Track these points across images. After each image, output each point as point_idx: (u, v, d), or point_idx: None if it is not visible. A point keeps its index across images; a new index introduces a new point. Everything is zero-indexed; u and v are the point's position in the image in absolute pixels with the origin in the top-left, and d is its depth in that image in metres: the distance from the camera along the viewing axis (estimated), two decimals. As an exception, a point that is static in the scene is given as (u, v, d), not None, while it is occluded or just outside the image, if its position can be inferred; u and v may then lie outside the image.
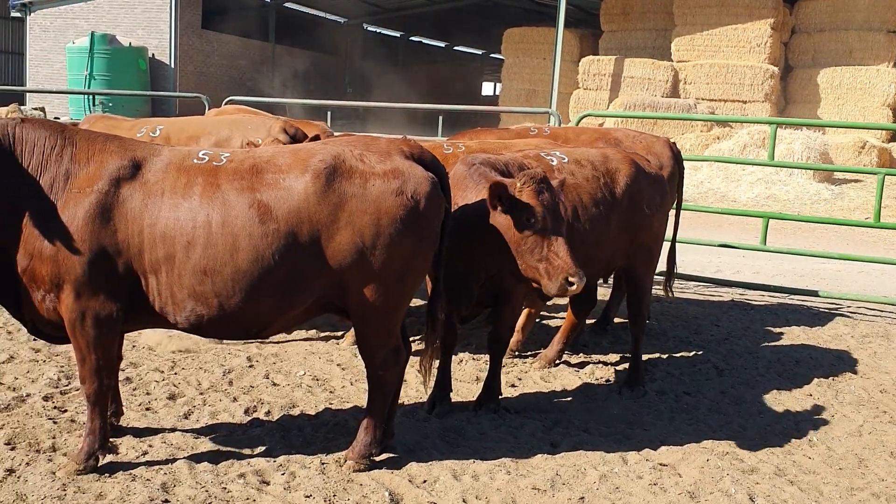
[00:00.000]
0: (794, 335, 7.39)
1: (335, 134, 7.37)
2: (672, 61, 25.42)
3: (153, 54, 25.88)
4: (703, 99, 24.60)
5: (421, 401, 5.32)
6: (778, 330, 7.51)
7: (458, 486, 4.22)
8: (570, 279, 4.35)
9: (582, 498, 4.15)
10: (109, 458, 4.29)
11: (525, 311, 6.36)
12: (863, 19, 24.50)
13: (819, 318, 8.05)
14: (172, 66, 25.07)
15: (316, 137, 6.40)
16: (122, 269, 3.94)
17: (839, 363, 6.63)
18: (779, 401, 5.70)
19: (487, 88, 52.04)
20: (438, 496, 4.13)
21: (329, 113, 10.72)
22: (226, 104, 9.89)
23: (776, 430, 5.17)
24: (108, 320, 4.00)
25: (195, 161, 4.12)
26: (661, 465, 4.57)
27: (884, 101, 23.77)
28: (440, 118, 11.89)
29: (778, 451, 4.83)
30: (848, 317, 8.09)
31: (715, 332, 7.33)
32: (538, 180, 4.45)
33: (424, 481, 4.27)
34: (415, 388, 5.41)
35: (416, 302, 6.92)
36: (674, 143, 6.99)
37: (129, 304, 4.03)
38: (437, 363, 4.76)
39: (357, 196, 3.98)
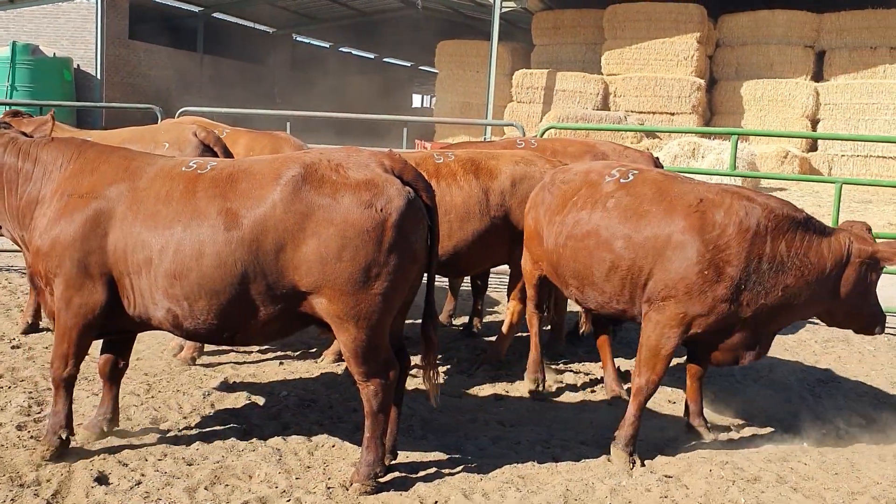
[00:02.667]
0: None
1: (307, 145, 7.22)
2: (602, 74, 25.90)
3: (78, 65, 25.00)
4: (632, 111, 25.14)
5: (412, 416, 5.22)
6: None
7: (471, 505, 4.14)
8: None
9: (598, 513, 4.12)
10: (102, 489, 4.07)
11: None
12: (782, 34, 25.42)
13: (778, 324, 8.23)
14: (99, 77, 24.24)
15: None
16: (108, 269, 4.18)
17: (810, 369, 6.79)
18: (762, 408, 5.79)
19: (416, 100, 52.13)
20: (453, 517, 4.03)
21: (288, 123, 10.51)
22: (180, 115, 9.59)
23: (768, 438, 5.24)
24: (89, 312, 4.23)
25: (183, 169, 4.28)
26: (666, 476, 4.57)
27: (803, 112, 24.68)
28: (405, 130, 11.78)
29: (774, 459, 4.89)
30: (808, 322, 8.31)
31: (685, 341, 7.41)
32: None
33: (436, 502, 4.17)
34: (406, 405, 5.29)
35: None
36: (657, 158, 7.08)
37: (112, 302, 4.23)
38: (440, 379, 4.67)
39: (324, 206, 3.98)
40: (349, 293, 4.00)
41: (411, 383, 5.39)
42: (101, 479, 4.19)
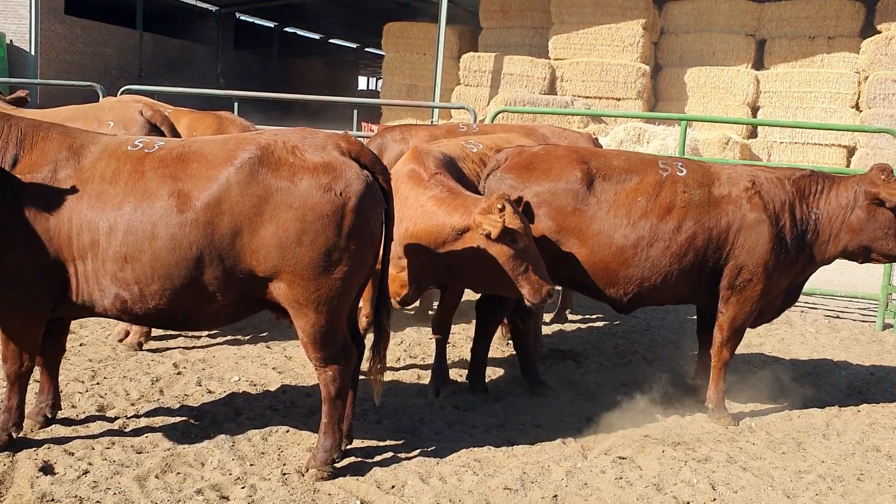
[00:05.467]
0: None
1: (255, 127, 7.08)
2: (549, 59, 25.97)
3: (11, 40, 24.02)
4: (579, 96, 25.24)
5: (367, 399, 5.17)
6: (691, 319, 7.77)
7: (429, 489, 4.12)
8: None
9: (555, 496, 4.14)
10: (48, 479, 3.95)
11: None
12: (724, 23, 25.78)
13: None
14: (33, 53, 23.34)
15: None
16: (52, 255, 3.94)
17: (755, 351, 6.93)
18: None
19: (362, 83, 51.67)
20: (411, 502, 4.01)
21: (236, 104, 10.27)
22: (122, 94, 9.30)
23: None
24: (36, 304, 4.03)
25: (129, 148, 4.10)
26: (620, 458, 4.63)
27: (744, 99, 25.08)
28: (355, 112, 11.62)
29: (724, 439, 4.99)
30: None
31: (634, 323, 7.51)
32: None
33: (392, 486, 4.15)
34: (362, 389, 5.24)
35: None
36: (596, 139, 7.12)
37: (58, 290, 4.03)
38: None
39: (283, 190, 3.89)
40: (309, 278, 3.92)
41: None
42: (47, 469, 4.06)
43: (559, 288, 6.57)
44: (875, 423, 5.44)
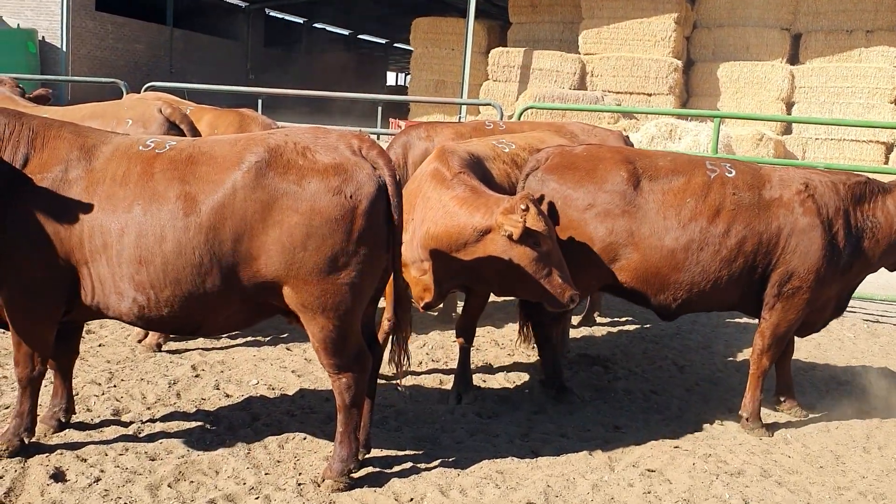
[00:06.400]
0: (738, 328, 7.45)
1: (277, 124, 6.97)
2: (580, 54, 25.69)
3: (43, 37, 24.24)
4: (609, 91, 24.93)
5: (387, 406, 5.04)
6: (722, 323, 7.56)
7: (449, 503, 3.97)
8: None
9: (580, 510, 3.97)
10: (58, 486, 3.85)
11: None
12: (759, 16, 25.32)
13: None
14: (64, 49, 23.51)
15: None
16: (63, 257, 3.84)
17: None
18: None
19: (391, 78, 51.60)
20: (430, 515, 3.86)
21: (260, 101, 10.17)
22: (146, 90, 9.25)
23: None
24: (48, 306, 3.94)
25: (140, 149, 3.98)
26: (648, 471, 4.44)
27: (778, 94, 24.65)
28: (379, 109, 11.48)
29: (757, 451, 4.78)
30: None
31: (665, 327, 7.30)
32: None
33: (411, 499, 4.00)
34: (382, 395, 5.10)
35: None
36: (627, 136, 6.91)
37: (70, 292, 3.93)
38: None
39: (289, 193, 3.75)
40: (315, 283, 3.78)
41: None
42: (58, 476, 3.97)
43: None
44: (919, 436, 5.19)
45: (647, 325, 7.33)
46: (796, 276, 4.83)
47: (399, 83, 58.22)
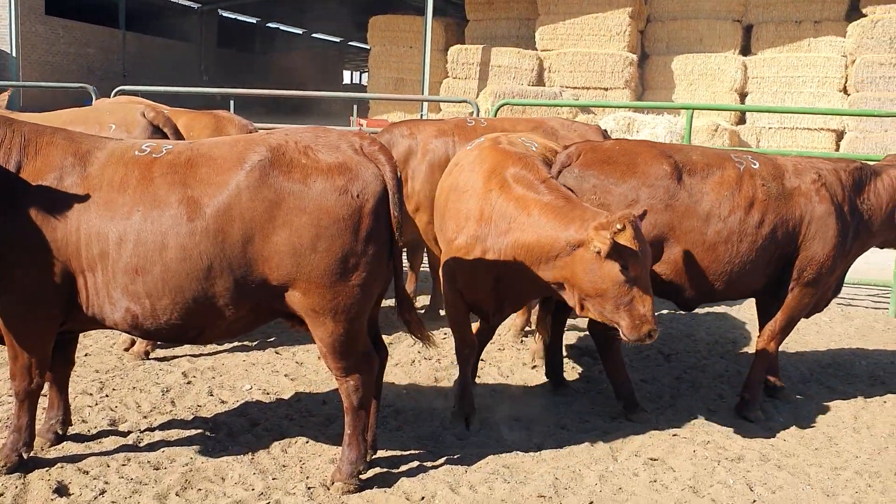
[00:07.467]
0: (718, 316, 7.58)
1: (254, 125, 6.91)
2: (537, 50, 25.82)
3: (-10, 42, 23.72)
4: (567, 87, 25.11)
5: (386, 406, 5.03)
6: (703, 310, 7.67)
7: (460, 500, 3.99)
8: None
9: (591, 502, 4.00)
10: (63, 501, 3.77)
11: None
12: (711, 8, 25.68)
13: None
14: (14, 54, 22.93)
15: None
16: (60, 267, 3.75)
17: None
18: (732, 384, 5.79)
19: (346, 77, 51.31)
20: (443, 513, 3.87)
21: (231, 102, 10.05)
22: (115, 95, 9.08)
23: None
24: (45, 317, 3.86)
25: (136, 153, 3.89)
26: (651, 459, 4.51)
27: (732, 85, 25.04)
28: (354, 107, 11.39)
29: (753, 436, 4.87)
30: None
31: (646, 317, 7.38)
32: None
33: (422, 498, 4.00)
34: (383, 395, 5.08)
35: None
36: (605, 131, 6.98)
37: (68, 302, 3.84)
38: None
39: (295, 193, 3.70)
40: (326, 286, 3.75)
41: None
42: (61, 490, 3.89)
43: None
44: (903, 415, 5.35)
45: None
46: (815, 262, 4.95)
47: (355, 82, 57.96)
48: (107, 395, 5.07)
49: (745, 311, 7.68)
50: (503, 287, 4.68)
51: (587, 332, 6.84)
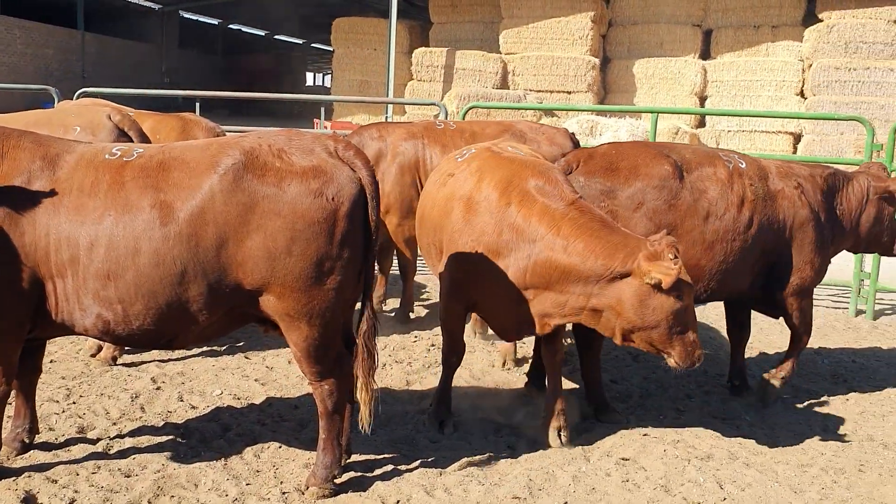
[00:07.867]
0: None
1: (221, 128, 6.86)
2: (501, 53, 25.94)
3: (-56, 42, 23.20)
4: (531, 90, 25.26)
5: (356, 409, 5.01)
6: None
7: (435, 502, 4.00)
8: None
9: (565, 503, 4.04)
10: None
11: None
12: (671, 13, 26.02)
13: (696, 298, 8.42)
14: (-32, 55, 22.50)
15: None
16: (28, 272, 3.69)
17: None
18: (699, 383, 5.89)
19: (309, 78, 51.02)
20: (419, 516, 3.88)
21: (198, 104, 9.94)
22: (78, 97, 8.94)
23: (711, 412, 5.32)
24: (12, 324, 3.77)
25: (107, 157, 3.85)
26: (623, 459, 4.56)
27: (692, 89, 25.37)
28: (322, 110, 11.33)
29: (722, 435, 4.95)
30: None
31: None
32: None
33: (398, 501, 4.01)
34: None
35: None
36: (573, 134, 7.05)
37: (36, 309, 3.78)
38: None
39: (270, 196, 3.69)
40: (301, 290, 3.74)
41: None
42: (29, 500, 3.84)
43: None
44: (865, 412, 5.47)
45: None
46: (796, 267, 5.13)
47: (318, 83, 57.64)
48: (74, 403, 5.00)
49: (710, 311, 7.79)
50: (523, 307, 4.44)
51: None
